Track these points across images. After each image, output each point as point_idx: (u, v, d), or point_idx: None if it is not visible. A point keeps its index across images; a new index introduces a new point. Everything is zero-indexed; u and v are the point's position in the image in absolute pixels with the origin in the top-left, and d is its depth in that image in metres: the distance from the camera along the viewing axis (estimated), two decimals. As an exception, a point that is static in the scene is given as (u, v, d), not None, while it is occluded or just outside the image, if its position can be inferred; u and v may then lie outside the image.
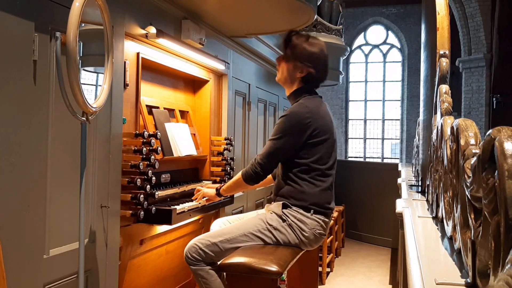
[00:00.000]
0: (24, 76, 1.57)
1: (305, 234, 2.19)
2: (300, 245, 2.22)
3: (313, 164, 2.21)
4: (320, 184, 2.22)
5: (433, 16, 2.53)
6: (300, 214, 2.19)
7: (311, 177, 2.21)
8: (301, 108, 2.22)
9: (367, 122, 13.82)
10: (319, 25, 5.71)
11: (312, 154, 2.21)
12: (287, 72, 2.36)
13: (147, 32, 2.38)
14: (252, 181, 2.27)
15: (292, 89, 2.37)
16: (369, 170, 6.96)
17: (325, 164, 2.24)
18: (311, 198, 2.20)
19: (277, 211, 2.22)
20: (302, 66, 2.30)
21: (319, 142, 2.21)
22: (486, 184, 0.78)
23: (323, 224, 2.24)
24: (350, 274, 4.81)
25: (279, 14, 3.06)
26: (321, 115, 2.25)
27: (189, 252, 2.19)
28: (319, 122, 2.22)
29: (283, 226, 2.19)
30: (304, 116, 2.19)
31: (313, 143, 2.20)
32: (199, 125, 3.23)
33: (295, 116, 2.20)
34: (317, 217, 2.21)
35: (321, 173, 2.23)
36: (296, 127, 2.18)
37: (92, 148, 1.93)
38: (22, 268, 1.57)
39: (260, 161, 2.22)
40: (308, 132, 2.19)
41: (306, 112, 2.20)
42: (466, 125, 1.16)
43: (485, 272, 0.88)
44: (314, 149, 2.21)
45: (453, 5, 8.82)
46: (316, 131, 2.20)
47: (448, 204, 1.46)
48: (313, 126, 2.19)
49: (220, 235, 2.20)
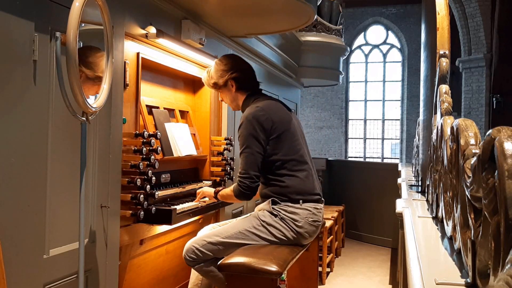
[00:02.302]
0: (24, 76, 1.57)
1: (298, 224, 2.22)
2: (299, 238, 2.23)
3: (285, 156, 2.26)
4: (299, 173, 2.27)
5: (433, 16, 2.53)
6: (290, 207, 2.23)
7: (289, 170, 2.26)
8: (252, 109, 2.30)
9: (367, 122, 13.83)
10: (319, 25, 5.71)
11: (280, 148, 2.27)
12: (227, 97, 2.50)
13: (147, 32, 2.38)
14: (243, 197, 2.32)
15: (240, 104, 2.47)
16: (369, 170, 6.95)
17: (297, 153, 2.30)
18: (295, 189, 2.24)
19: (267, 208, 2.27)
20: (225, 81, 2.43)
21: (280, 135, 2.27)
22: (486, 184, 0.78)
23: (315, 212, 2.27)
24: (350, 274, 4.81)
25: (279, 14, 3.06)
26: (274, 110, 2.32)
27: (187, 254, 2.24)
28: (274, 116, 2.29)
29: (276, 221, 2.22)
30: (258, 114, 2.26)
31: (276, 137, 2.26)
32: (199, 125, 3.23)
33: (251, 117, 2.26)
34: (307, 205, 2.25)
35: (297, 162, 2.28)
36: (256, 126, 2.24)
37: (92, 148, 1.93)
38: (22, 268, 1.57)
39: (243, 175, 2.25)
40: (268, 126, 2.25)
41: (259, 110, 2.28)
42: (466, 125, 1.16)
43: (485, 272, 0.88)
44: (279, 143, 2.27)
45: (453, 5, 8.82)
46: (274, 124, 2.26)
47: (448, 204, 1.46)
48: (270, 119, 2.26)
49: (215, 234, 2.25)
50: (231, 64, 2.45)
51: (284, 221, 2.21)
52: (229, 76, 2.42)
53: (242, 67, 2.47)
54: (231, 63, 2.46)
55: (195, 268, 2.22)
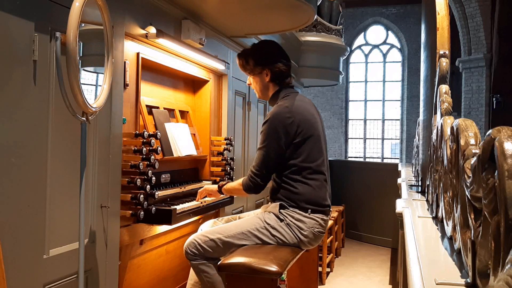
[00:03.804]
0: (24, 76, 1.57)
1: (303, 233, 2.19)
2: (300, 244, 2.22)
3: (302, 163, 2.22)
4: (313, 182, 2.23)
5: (433, 16, 2.53)
6: (298, 214, 2.19)
7: (303, 177, 2.22)
8: (281, 109, 2.24)
9: (367, 122, 13.82)
10: (319, 25, 5.71)
11: (299, 153, 2.22)
12: (258, 84, 2.42)
13: (147, 32, 2.38)
14: (253, 192, 2.28)
15: (269, 95, 2.41)
16: (369, 170, 6.95)
17: (315, 161, 2.25)
18: (306, 198, 2.20)
19: (274, 211, 2.23)
20: (262, 68, 2.36)
21: (304, 140, 2.22)
22: (486, 184, 0.78)
23: (321, 223, 2.24)
24: (350, 274, 4.81)
25: (279, 14, 3.06)
26: (302, 113, 2.26)
27: (188, 247, 2.21)
28: (301, 119, 2.23)
29: (281, 226, 2.19)
30: (285, 116, 2.20)
31: (298, 142, 2.21)
32: (199, 125, 3.23)
33: (276, 118, 2.21)
34: (315, 216, 2.22)
35: (312, 171, 2.23)
36: (280, 128, 2.19)
37: (92, 148, 1.93)
38: (22, 268, 1.57)
39: (256, 171, 2.23)
40: (293, 130, 2.20)
41: (286, 112, 2.21)
42: (466, 125, 1.16)
43: (485, 272, 0.88)
44: (300, 148, 2.22)
45: (453, 5, 8.82)
46: (299, 128, 2.21)
47: (448, 204, 1.46)
48: (296, 124, 2.21)
49: (219, 232, 2.22)
50: (275, 54, 2.37)
51: (289, 227, 2.18)
52: (269, 65, 2.34)
53: (284, 60, 2.38)
54: (275, 52, 2.38)
55: (192, 264, 2.21)
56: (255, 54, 2.39)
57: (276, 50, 2.41)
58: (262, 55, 2.37)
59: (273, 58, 2.36)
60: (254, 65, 2.37)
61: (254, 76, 2.41)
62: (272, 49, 2.41)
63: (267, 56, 2.37)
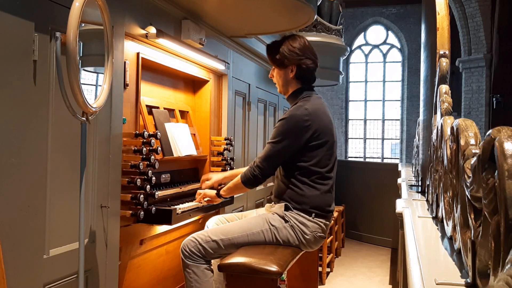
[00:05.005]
0: (24, 76, 1.57)
1: (306, 236, 2.19)
2: (300, 246, 2.22)
3: (313, 167, 2.20)
4: (320, 187, 2.21)
5: (433, 16, 2.53)
6: (302, 217, 2.19)
7: (312, 180, 2.20)
8: (300, 111, 2.20)
9: (367, 122, 13.82)
10: (319, 25, 5.70)
11: (311, 157, 2.19)
12: (281, 78, 2.36)
13: (147, 32, 2.38)
14: (250, 185, 2.26)
15: (290, 92, 2.36)
16: (369, 170, 6.95)
17: (325, 167, 2.23)
18: (312, 201, 2.19)
19: (279, 212, 2.22)
20: (289, 63, 2.30)
21: (319, 144, 2.19)
22: (486, 184, 0.78)
23: (324, 227, 2.25)
24: (350, 274, 4.81)
25: (279, 14, 3.06)
26: (320, 117, 2.23)
27: (187, 246, 2.16)
28: (319, 124, 2.20)
29: (285, 227, 2.19)
30: (303, 119, 2.17)
31: (312, 146, 2.19)
32: (199, 125, 3.23)
33: (294, 118, 2.18)
34: (318, 220, 2.21)
35: (321, 176, 2.22)
36: (295, 129, 2.16)
37: (92, 148, 1.93)
38: (22, 268, 1.57)
39: (260, 164, 2.21)
40: (307, 135, 2.17)
41: (305, 115, 2.18)
42: (466, 125, 1.16)
43: (485, 272, 0.88)
44: (313, 152, 2.19)
45: (453, 5, 8.82)
46: (316, 133, 2.18)
47: (448, 204, 1.46)
48: (313, 129, 2.17)
49: (222, 233, 2.19)
50: (307, 51, 2.31)
51: (293, 228, 2.18)
52: (297, 61, 2.28)
53: (313, 59, 2.33)
54: (307, 50, 2.31)
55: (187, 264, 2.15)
56: (288, 46, 2.31)
57: (309, 48, 2.34)
58: (295, 48, 2.30)
59: (305, 53, 2.30)
60: (283, 56, 2.30)
61: (279, 69, 2.35)
62: (306, 45, 2.34)
63: (299, 52, 2.30)
